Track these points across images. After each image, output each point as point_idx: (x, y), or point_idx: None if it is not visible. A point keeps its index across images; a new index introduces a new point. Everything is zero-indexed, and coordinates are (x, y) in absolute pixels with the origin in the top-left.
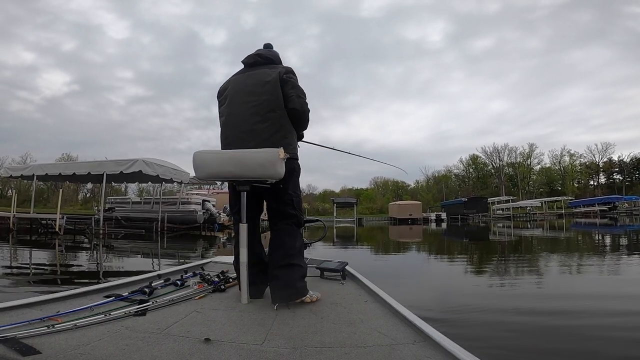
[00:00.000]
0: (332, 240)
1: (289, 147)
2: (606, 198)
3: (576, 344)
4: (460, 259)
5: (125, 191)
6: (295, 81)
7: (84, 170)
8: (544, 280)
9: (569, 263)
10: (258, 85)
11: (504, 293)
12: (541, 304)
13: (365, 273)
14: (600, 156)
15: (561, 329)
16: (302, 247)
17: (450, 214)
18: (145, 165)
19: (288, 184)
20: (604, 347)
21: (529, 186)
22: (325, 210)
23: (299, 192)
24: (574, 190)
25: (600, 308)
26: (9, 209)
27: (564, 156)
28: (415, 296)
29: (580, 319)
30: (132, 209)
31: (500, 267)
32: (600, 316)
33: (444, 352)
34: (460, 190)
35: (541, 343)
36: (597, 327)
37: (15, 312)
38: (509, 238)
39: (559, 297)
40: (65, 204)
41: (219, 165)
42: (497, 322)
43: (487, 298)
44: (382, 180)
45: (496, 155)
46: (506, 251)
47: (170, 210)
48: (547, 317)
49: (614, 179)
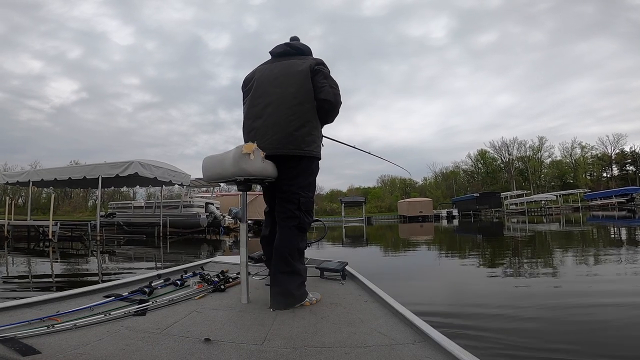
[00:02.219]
0: (341, 240)
1: (312, 145)
2: (623, 190)
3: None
4: (485, 258)
5: (134, 196)
6: (328, 72)
7: (79, 174)
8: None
9: (594, 260)
10: (287, 76)
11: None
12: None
13: (382, 275)
14: (612, 147)
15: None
16: (302, 251)
17: (461, 210)
18: (140, 167)
19: (296, 183)
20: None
21: (540, 180)
22: (333, 210)
23: (310, 194)
24: (587, 183)
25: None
26: (21, 217)
27: (575, 148)
28: (436, 298)
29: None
30: (134, 214)
31: (526, 265)
32: None
33: (443, 352)
34: (470, 186)
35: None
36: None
37: (15, 312)
38: (528, 234)
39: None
40: (75, 211)
41: (213, 168)
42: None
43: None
44: (390, 178)
45: (505, 149)
46: (529, 249)
47: (172, 214)
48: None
49: (627, 171)
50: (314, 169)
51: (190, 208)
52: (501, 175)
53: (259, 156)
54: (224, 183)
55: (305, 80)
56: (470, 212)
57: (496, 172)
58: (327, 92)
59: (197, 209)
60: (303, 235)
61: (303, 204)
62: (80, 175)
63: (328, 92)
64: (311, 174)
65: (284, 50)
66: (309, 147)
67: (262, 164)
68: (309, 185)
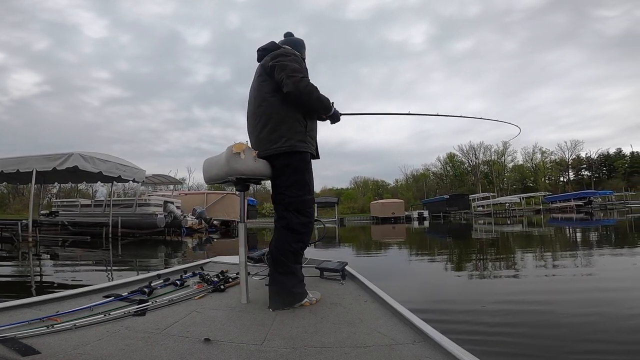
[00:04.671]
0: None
1: (280, 140)
2: (582, 193)
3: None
4: (456, 259)
5: (94, 195)
6: (285, 62)
7: (12, 167)
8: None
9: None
10: (253, 83)
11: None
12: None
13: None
14: (570, 153)
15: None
16: (297, 251)
17: (432, 211)
18: (82, 160)
19: (280, 183)
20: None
21: (503, 183)
22: None
23: (301, 193)
24: (546, 187)
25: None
26: None
27: (535, 153)
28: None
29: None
30: (82, 213)
31: (494, 265)
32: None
33: (443, 352)
34: (439, 188)
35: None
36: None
37: (14, 312)
38: (496, 236)
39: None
40: (25, 209)
41: (211, 169)
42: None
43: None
44: (363, 180)
45: (472, 153)
46: (499, 251)
47: (125, 213)
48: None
49: (583, 175)
50: (297, 164)
51: (147, 207)
52: (468, 178)
53: (250, 155)
54: (224, 184)
55: (260, 83)
56: (441, 213)
57: (463, 175)
58: (286, 84)
59: (154, 208)
60: (295, 236)
61: (289, 203)
62: (12, 168)
63: (287, 84)
64: (294, 171)
65: (259, 55)
66: (275, 144)
67: (254, 163)
68: (295, 183)
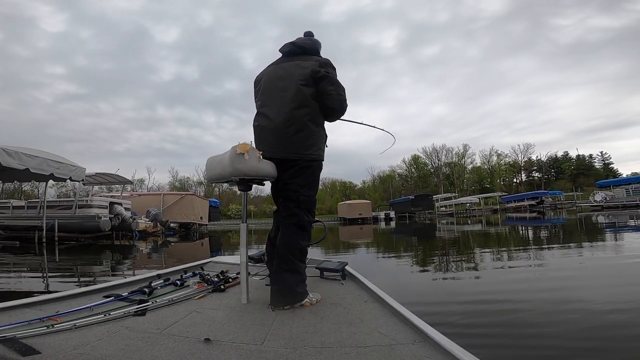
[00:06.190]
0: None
1: (311, 148)
2: (535, 193)
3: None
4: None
5: (39, 195)
6: (334, 76)
7: None
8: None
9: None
10: (287, 79)
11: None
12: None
13: None
14: (522, 156)
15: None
16: (304, 249)
17: (398, 212)
18: (5, 154)
19: (296, 182)
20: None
21: (464, 184)
22: (272, 212)
23: (311, 193)
24: (501, 187)
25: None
26: None
27: (492, 156)
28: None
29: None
30: (13, 215)
31: (458, 263)
32: None
33: (443, 352)
34: (404, 189)
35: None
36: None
37: (14, 312)
38: (460, 235)
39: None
40: None
41: (214, 168)
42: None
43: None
44: (331, 181)
45: (435, 155)
46: (460, 248)
47: (63, 215)
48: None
49: (534, 177)
50: (315, 169)
51: (88, 209)
52: (431, 179)
53: (254, 156)
54: (226, 183)
55: (304, 85)
56: (406, 214)
57: (427, 177)
58: (334, 100)
59: (97, 209)
60: (304, 234)
61: (303, 202)
62: None
63: (335, 100)
64: (312, 173)
65: (290, 49)
66: (307, 151)
67: (258, 164)
68: (310, 184)
